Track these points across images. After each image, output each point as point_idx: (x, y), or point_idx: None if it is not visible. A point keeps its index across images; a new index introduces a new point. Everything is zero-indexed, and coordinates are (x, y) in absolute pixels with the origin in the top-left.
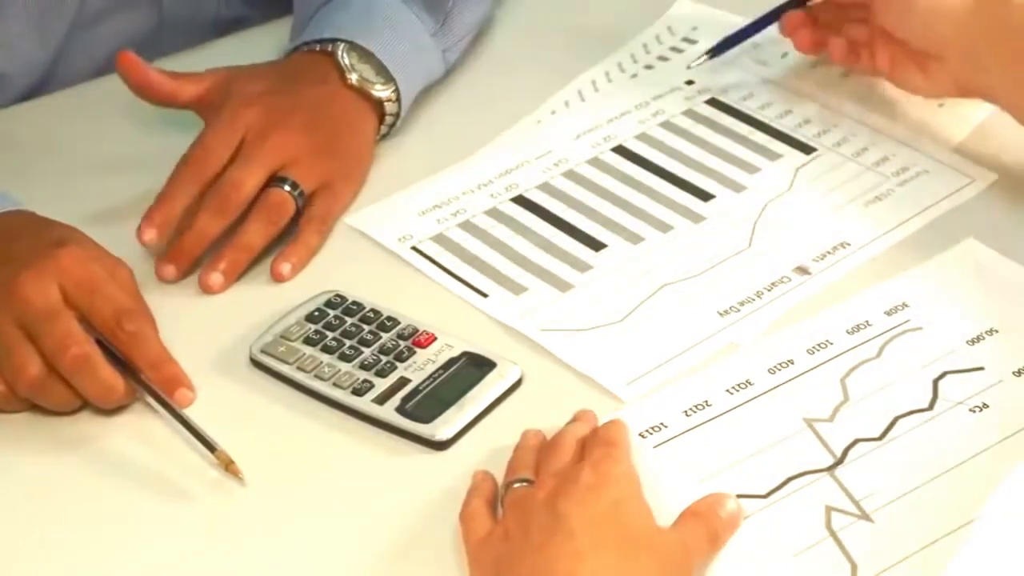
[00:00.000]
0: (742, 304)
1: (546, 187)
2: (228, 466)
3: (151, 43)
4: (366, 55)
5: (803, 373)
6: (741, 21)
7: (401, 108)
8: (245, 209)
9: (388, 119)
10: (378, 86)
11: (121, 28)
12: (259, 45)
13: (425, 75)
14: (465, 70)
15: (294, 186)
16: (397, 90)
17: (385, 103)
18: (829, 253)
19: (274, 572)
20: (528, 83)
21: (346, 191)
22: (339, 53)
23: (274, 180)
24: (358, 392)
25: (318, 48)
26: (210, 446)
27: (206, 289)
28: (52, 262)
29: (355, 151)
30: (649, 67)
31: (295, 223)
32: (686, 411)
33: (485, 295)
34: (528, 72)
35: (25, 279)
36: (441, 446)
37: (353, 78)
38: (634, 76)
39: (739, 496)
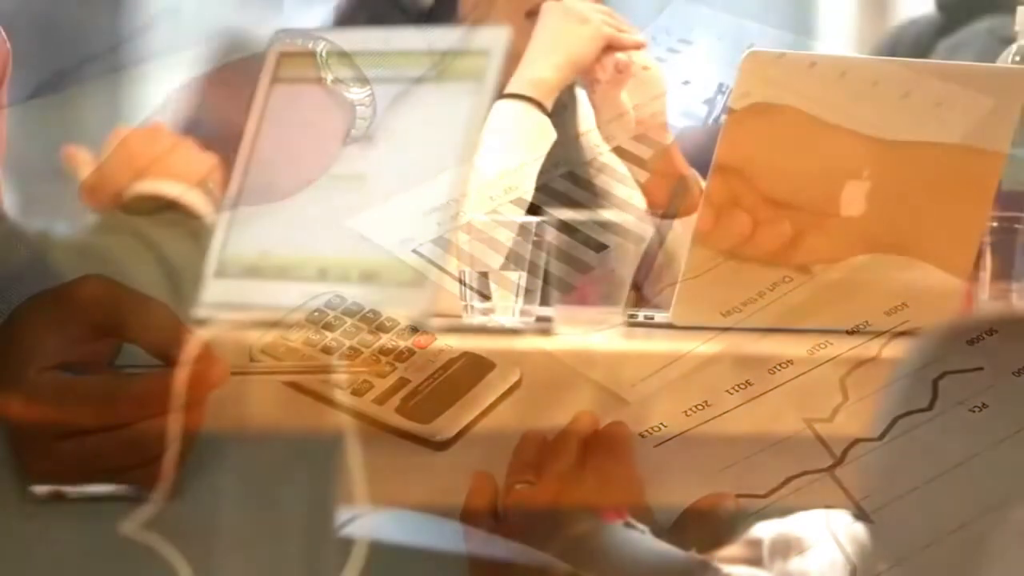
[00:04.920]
0: (743, 304)
1: (545, 189)
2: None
3: None
4: (345, 55)
5: (803, 373)
6: (739, 21)
7: (376, 111)
8: None
9: (360, 122)
10: (354, 89)
11: None
12: None
13: None
14: None
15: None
16: (372, 93)
17: (357, 107)
18: None
19: (274, 572)
20: None
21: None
22: (319, 50)
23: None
24: (358, 392)
25: (300, 42)
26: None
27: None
28: None
29: (309, 151)
30: (645, 68)
31: None
32: (686, 411)
33: (486, 297)
34: None
35: None
36: (441, 446)
37: (328, 78)
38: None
39: (739, 496)
